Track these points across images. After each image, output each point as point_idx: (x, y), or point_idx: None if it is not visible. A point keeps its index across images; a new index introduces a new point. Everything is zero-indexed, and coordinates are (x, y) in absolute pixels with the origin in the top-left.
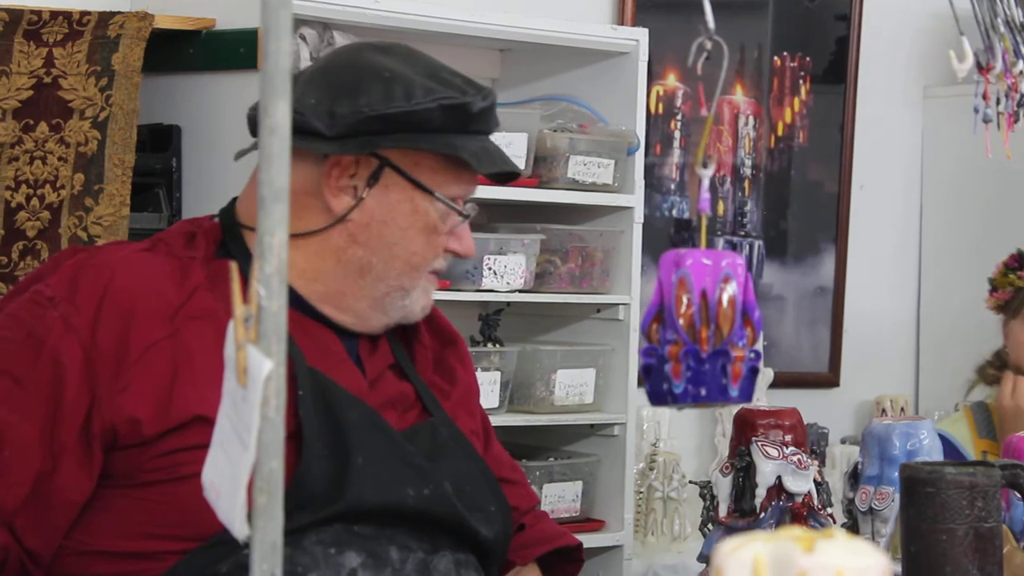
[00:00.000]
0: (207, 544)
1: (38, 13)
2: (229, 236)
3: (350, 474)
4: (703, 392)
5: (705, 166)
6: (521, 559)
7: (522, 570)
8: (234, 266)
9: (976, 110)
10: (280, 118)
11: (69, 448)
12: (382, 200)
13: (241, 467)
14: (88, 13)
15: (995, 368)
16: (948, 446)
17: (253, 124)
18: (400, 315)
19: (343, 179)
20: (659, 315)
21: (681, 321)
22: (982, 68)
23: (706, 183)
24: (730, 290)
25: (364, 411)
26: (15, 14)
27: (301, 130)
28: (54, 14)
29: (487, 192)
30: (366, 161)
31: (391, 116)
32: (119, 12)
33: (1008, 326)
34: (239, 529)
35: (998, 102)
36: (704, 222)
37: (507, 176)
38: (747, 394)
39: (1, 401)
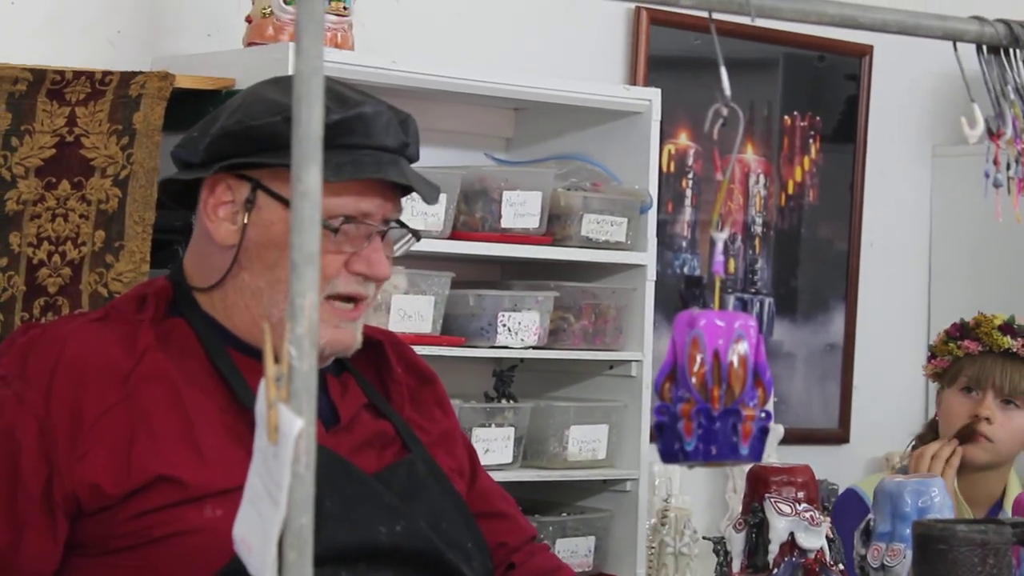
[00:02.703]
0: None
1: (61, 73)
2: (179, 295)
3: (320, 518)
4: (714, 450)
5: (720, 229)
6: None
7: None
8: (267, 327)
9: (987, 175)
10: (311, 183)
11: (31, 520)
12: (258, 222)
13: (272, 523)
14: (110, 73)
15: (924, 443)
16: (862, 505)
17: (173, 162)
18: None
19: (223, 207)
20: (672, 374)
21: (693, 380)
22: (992, 134)
23: (720, 246)
24: (742, 351)
25: (328, 456)
26: (39, 74)
27: (184, 163)
28: (77, 74)
29: (501, 250)
30: (239, 185)
31: (236, 132)
32: (141, 72)
33: (942, 395)
34: None
35: (1008, 167)
36: (718, 284)
37: (431, 192)
38: (757, 453)
39: None
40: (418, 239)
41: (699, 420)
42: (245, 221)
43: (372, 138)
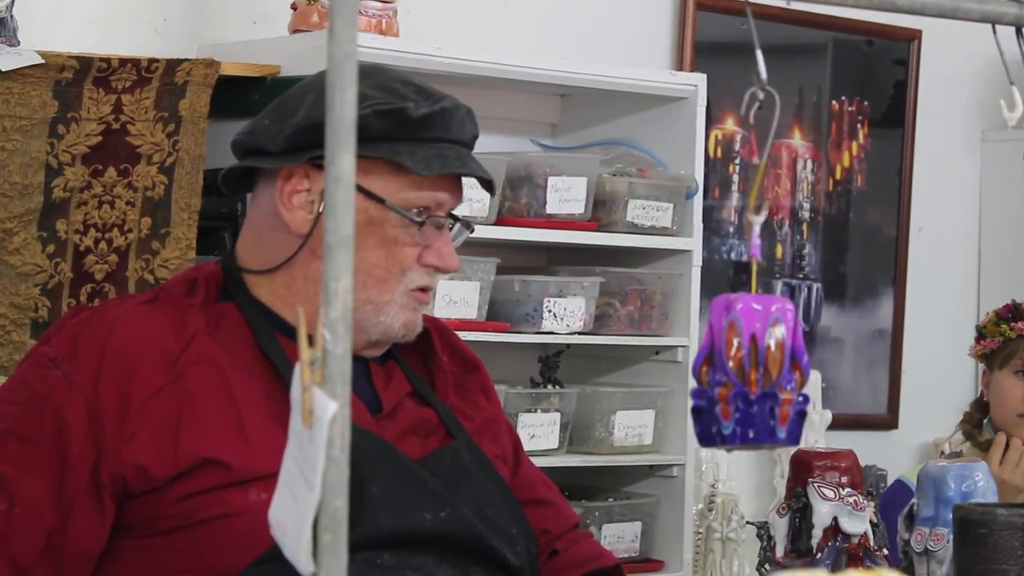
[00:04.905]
0: None
1: (107, 61)
2: (230, 279)
3: (365, 503)
4: (751, 434)
5: (757, 213)
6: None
7: None
8: (301, 312)
9: None
10: (345, 168)
11: (79, 501)
12: None
13: (307, 506)
14: (156, 61)
15: (973, 422)
16: (911, 495)
17: (237, 148)
18: (380, 332)
19: (298, 195)
20: (709, 358)
21: (731, 364)
22: None
23: (757, 229)
24: (779, 334)
25: (375, 442)
26: (85, 62)
27: (254, 151)
28: (123, 62)
29: (547, 236)
30: (317, 175)
31: (323, 124)
32: (186, 59)
33: (991, 376)
34: (305, 566)
35: None
36: (755, 267)
37: (485, 184)
38: (795, 436)
39: (10, 461)
40: (471, 231)
41: (736, 404)
42: (320, 210)
43: (451, 132)
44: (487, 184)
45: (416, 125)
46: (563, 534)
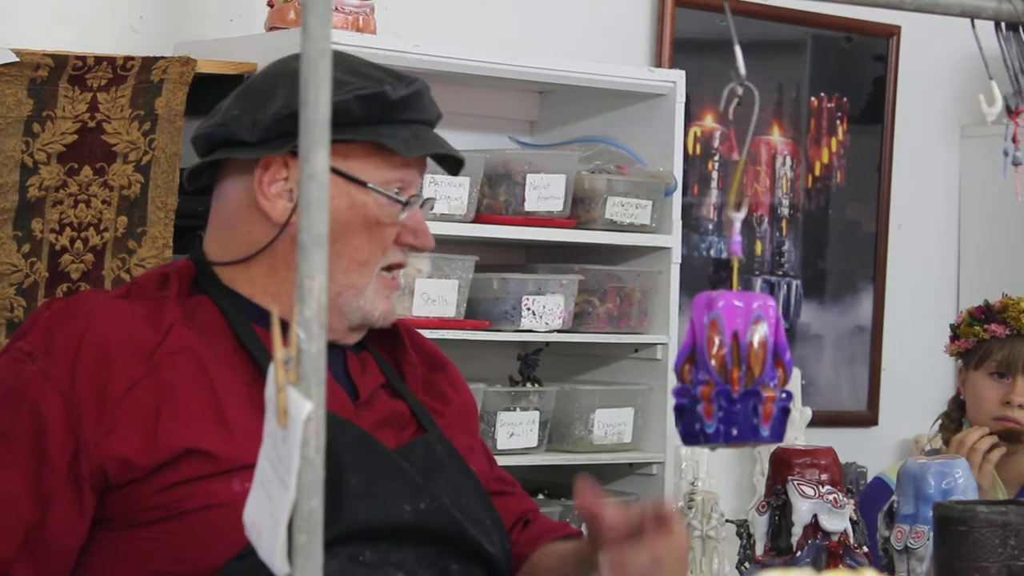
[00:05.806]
0: None
1: (83, 59)
2: (202, 273)
3: (344, 495)
4: (735, 432)
5: (737, 209)
6: (543, 543)
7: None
8: (275, 312)
9: (1006, 153)
10: (319, 165)
11: (58, 494)
12: None
13: (281, 506)
14: (132, 58)
15: (952, 421)
16: (891, 493)
17: (203, 142)
18: (359, 317)
19: (276, 184)
20: (691, 356)
21: (713, 362)
22: (1011, 112)
23: (738, 226)
24: (761, 332)
25: (355, 432)
26: (60, 60)
27: (228, 142)
28: (98, 59)
29: (526, 233)
30: (295, 163)
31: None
32: (162, 57)
33: (966, 375)
34: (279, 567)
35: None
36: (736, 265)
37: (453, 164)
38: (778, 434)
39: None
40: (431, 208)
41: (719, 402)
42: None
43: (423, 112)
44: (456, 164)
45: (395, 107)
46: (531, 511)
